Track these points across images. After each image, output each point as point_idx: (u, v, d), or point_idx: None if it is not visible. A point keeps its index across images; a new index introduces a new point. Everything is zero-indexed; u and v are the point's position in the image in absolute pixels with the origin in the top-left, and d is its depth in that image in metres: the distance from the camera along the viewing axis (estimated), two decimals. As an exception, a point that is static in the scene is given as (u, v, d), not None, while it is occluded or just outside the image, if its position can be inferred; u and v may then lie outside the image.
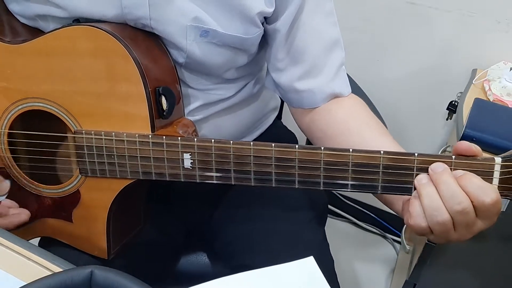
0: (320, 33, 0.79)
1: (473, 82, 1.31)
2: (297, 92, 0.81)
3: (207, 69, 0.77)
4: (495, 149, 1.06)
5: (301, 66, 0.79)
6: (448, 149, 1.37)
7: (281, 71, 0.81)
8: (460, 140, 1.09)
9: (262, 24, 0.76)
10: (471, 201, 0.56)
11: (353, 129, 0.77)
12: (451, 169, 0.59)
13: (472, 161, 0.59)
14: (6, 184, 0.70)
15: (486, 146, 1.07)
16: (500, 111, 1.17)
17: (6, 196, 0.69)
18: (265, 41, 0.80)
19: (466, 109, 1.19)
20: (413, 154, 0.60)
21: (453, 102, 1.38)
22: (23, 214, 0.73)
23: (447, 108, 1.40)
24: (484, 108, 1.17)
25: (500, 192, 0.58)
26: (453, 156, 0.59)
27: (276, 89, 0.85)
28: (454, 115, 1.40)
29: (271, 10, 0.73)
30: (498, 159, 0.59)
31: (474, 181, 0.57)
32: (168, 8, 0.69)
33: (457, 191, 0.57)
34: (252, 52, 0.79)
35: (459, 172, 0.59)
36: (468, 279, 1.03)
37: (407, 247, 1.47)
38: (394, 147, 0.72)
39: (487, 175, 0.59)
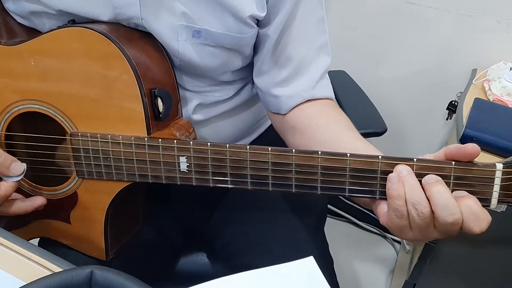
0: (308, 40, 0.78)
1: (473, 82, 1.31)
2: (276, 96, 0.80)
3: (201, 71, 0.77)
4: (495, 149, 1.06)
5: (284, 71, 0.79)
6: (448, 149, 1.37)
7: (264, 74, 0.80)
8: (460, 140, 1.09)
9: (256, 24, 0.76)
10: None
11: (321, 124, 0.77)
12: (451, 176, 0.58)
13: (473, 168, 0.57)
14: (21, 166, 0.69)
15: (486, 146, 1.07)
16: (500, 111, 1.17)
17: (22, 177, 0.69)
18: (254, 44, 0.80)
19: (466, 109, 1.19)
20: (411, 159, 0.59)
21: (453, 102, 1.38)
22: (38, 199, 0.73)
23: (447, 108, 1.40)
24: (484, 108, 1.17)
25: (501, 199, 0.58)
26: (453, 162, 0.58)
27: (258, 92, 0.85)
28: (454, 115, 1.40)
29: (263, 14, 0.73)
30: (499, 165, 0.57)
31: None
32: (159, 7, 0.69)
33: (451, 203, 0.56)
34: (246, 54, 0.79)
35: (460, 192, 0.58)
36: (468, 279, 1.03)
37: (407, 247, 1.47)
38: (358, 142, 0.72)
39: (488, 182, 0.57)
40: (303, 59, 0.79)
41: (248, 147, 0.63)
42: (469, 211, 0.56)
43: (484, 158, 1.06)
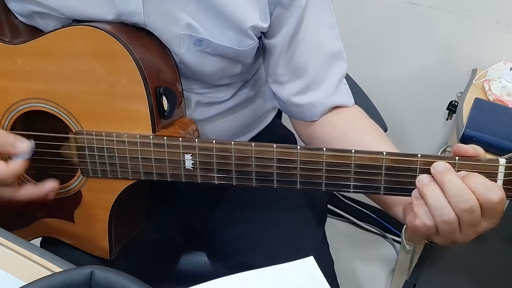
0: (321, 48, 0.79)
1: (473, 82, 1.31)
2: (297, 105, 0.81)
3: (200, 76, 0.78)
4: (495, 149, 1.06)
5: (301, 81, 0.79)
6: (448, 149, 1.37)
7: (281, 84, 0.81)
8: (460, 140, 1.09)
9: (259, 38, 0.76)
10: (477, 199, 0.56)
11: (352, 139, 0.77)
12: (456, 170, 0.59)
13: (476, 163, 0.59)
14: (26, 142, 0.66)
15: (486, 146, 1.06)
16: (500, 111, 1.17)
17: (29, 154, 0.66)
18: (263, 54, 0.81)
19: (466, 109, 1.19)
20: (416, 155, 0.60)
21: (453, 102, 1.38)
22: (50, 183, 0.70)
23: (447, 108, 1.40)
24: (484, 108, 1.17)
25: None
26: (457, 158, 0.59)
27: (276, 100, 0.85)
28: (454, 115, 1.40)
29: (265, 25, 0.73)
30: (502, 160, 0.58)
31: (479, 180, 0.57)
32: (162, 17, 0.70)
33: (463, 189, 0.56)
34: (246, 63, 0.79)
35: (463, 172, 0.59)
36: (468, 279, 1.03)
37: (407, 247, 1.47)
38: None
39: (490, 176, 0.58)
40: (318, 67, 0.79)
41: (253, 144, 0.63)
42: (480, 186, 0.56)
43: (484, 158, 1.06)
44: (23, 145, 0.66)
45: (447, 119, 1.45)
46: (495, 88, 1.24)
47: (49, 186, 0.69)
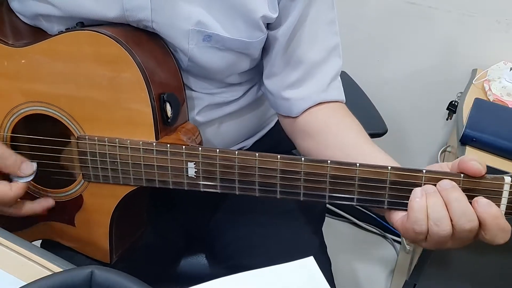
0: (319, 42, 0.78)
1: (473, 82, 1.31)
2: (287, 99, 0.80)
3: (210, 73, 0.77)
4: (495, 149, 1.06)
5: (295, 74, 0.79)
6: (448, 149, 1.37)
7: (275, 76, 0.80)
8: (460, 140, 1.09)
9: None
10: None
11: (332, 129, 0.77)
12: (460, 187, 0.58)
13: (481, 180, 0.58)
14: (31, 165, 0.69)
15: (486, 146, 1.07)
16: (500, 111, 1.17)
17: (32, 177, 0.69)
18: (263, 46, 0.80)
19: (466, 109, 1.20)
20: (421, 171, 0.59)
21: (453, 102, 1.38)
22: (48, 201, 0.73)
23: (447, 108, 1.40)
24: (484, 108, 1.17)
25: (508, 211, 0.58)
26: (462, 175, 0.58)
27: (266, 95, 0.85)
28: (454, 115, 1.40)
29: (274, 16, 0.73)
30: (507, 178, 0.58)
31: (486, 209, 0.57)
32: (171, 12, 0.69)
33: (469, 209, 0.56)
34: (255, 56, 0.79)
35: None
36: (468, 279, 1.03)
37: (407, 247, 1.47)
38: (368, 148, 0.72)
39: (496, 195, 0.58)
40: (313, 61, 0.79)
41: (257, 154, 0.63)
42: (495, 224, 0.56)
43: (484, 158, 1.07)
44: (29, 168, 0.69)
45: (447, 119, 1.46)
46: (495, 88, 1.24)
47: (47, 203, 0.73)
